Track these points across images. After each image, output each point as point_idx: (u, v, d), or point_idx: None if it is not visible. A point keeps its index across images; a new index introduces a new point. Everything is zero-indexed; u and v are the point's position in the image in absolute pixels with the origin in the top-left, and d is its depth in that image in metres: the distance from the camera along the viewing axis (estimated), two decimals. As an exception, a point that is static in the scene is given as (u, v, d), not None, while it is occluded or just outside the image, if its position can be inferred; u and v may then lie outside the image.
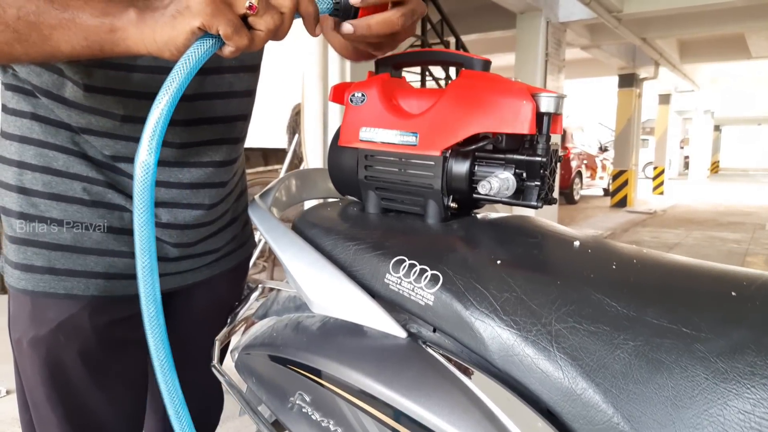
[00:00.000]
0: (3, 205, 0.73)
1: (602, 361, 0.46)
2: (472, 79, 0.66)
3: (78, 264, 0.72)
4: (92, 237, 0.72)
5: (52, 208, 0.70)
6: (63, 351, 0.72)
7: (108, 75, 0.67)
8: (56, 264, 0.71)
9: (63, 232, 0.71)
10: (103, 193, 0.72)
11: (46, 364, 0.72)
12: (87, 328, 0.72)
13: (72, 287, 0.71)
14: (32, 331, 0.71)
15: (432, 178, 0.67)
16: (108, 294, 0.73)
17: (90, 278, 0.72)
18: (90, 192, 0.71)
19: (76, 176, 0.71)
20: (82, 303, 0.72)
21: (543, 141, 0.63)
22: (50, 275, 0.71)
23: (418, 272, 0.58)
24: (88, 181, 0.71)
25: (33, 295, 0.71)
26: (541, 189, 0.64)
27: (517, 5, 5.58)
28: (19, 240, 0.71)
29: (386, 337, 0.58)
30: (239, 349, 0.77)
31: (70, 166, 0.71)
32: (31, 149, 0.70)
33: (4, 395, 2.35)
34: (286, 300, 0.75)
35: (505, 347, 0.51)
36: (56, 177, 0.70)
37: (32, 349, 0.72)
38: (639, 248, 0.60)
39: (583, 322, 0.49)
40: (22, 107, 0.70)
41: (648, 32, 7.37)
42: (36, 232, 0.70)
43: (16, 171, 0.71)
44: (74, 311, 0.71)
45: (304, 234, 0.71)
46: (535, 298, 0.52)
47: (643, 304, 0.49)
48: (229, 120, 0.79)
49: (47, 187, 0.70)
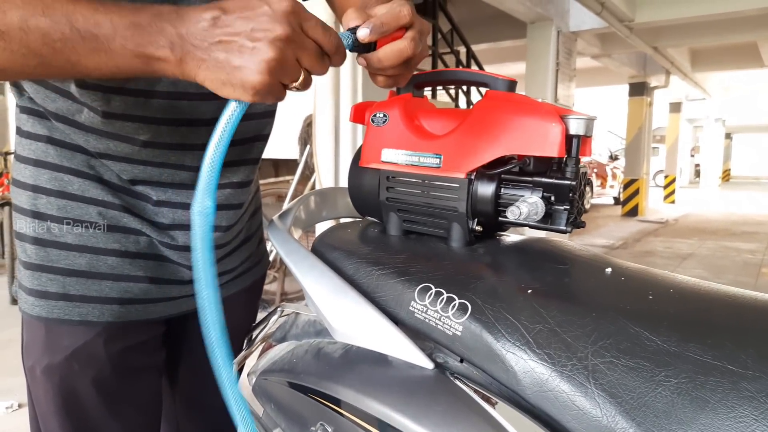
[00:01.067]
0: (17, 230, 0.72)
1: (643, 399, 0.44)
2: (498, 100, 0.65)
3: (92, 289, 0.70)
4: (107, 262, 0.71)
5: (66, 233, 0.69)
6: (77, 379, 0.70)
7: (127, 101, 0.66)
8: (70, 290, 0.70)
9: (77, 257, 0.70)
10: (119, 217, 0.71)
11: (59, 392, 0.70)
12: (101, 356, 0.71)
13: (86, 313, 0.70)
14: (46, 359, 0.70)
15: (456, 200, 0.66)
16: (123, 320, 0.72)
17: (105, 304, 0.71)
18: (105, 216, 0.70)
19: (91, 200, 0.70)
20: (97, 329, 0.71)
21: (572, 164, 0.61)
22: (64, 301, 0.70)
23: (445, 300, 0.57)
24: (103, 205, 0.70)
25: (47, 322, 0.70)
26: (570, 213, 0.62)
27: (527, 15, 5.57)
28: (33, 266, 0.70)
29: (412, 368, 0.56)
30: (257, 374, 0.75)
31: (85, 190, 0.69)
32: (46, 173, 0.69)
33: (15, 409, 2.35)
34: (306, 324, 0.74)
35: (538, 382, 0.49)
36: (71, 201, 0.69)
37: (46, 377, 0.70)
38: (674, 275, 0.58)
39: (621, 356, 0.47)
40: (37, 130, 0.69)
41: (659, 41, 7.34)
42: (50, 257, 0.69)
43: (30, 195, 0.69)
44: (88, 338, 0.70)
45: (324, 257, 0.70)
46: (570, 330, 0.50)
47: (685, 339, 0.47)
48: (247, 141, 0.78)
49: (62, 211, 0.69)
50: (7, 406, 2.34)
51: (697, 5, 5.78)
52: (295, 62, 0.50)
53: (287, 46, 0.48)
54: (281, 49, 0.48)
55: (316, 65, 0.51)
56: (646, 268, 0.61)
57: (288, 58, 0.49)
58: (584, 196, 0.66)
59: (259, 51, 0.47)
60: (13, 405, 2.36)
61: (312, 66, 0.51)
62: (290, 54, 0.49)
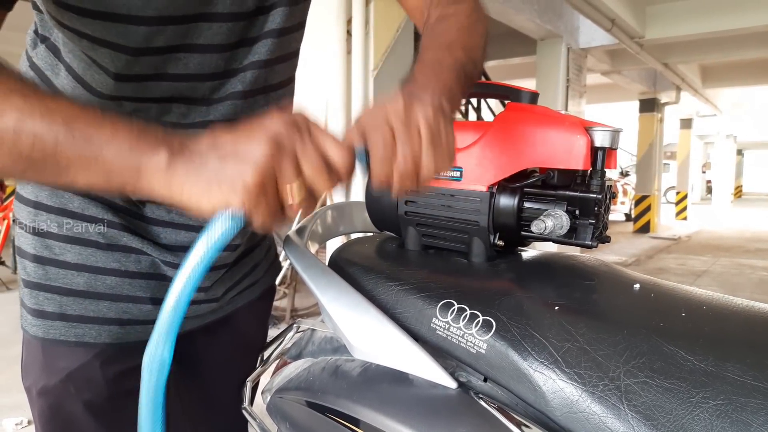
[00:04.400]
0: (19, 246, 0.71)
1: (680, 422, 0.42)
2: (520, 112, 0.63)
3: (90, 310, 0.68)
4: (106, 282, 0.69)
5: (66, 251, 0.68)
6: (72, 402, 0.68)
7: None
8: (68, 310, 0.68)
9: (76, 276, 0.68)
10: (119, 237, 0.69)
11: (55, 415, 0.69)
12: (98, 380, 0.69)
13: (83, 334, 0.68)
14: (42, 381, 0.68)
15: (478, 214, 0.64)
16: (121, 341, 0.70)
17: (102, 324, 0.69)
18: (105, 235, 0.68)
19: (92, 218, 0.68)
20: (94, 351, 0.69)
21: (597, 177, 0.60)
22: (61, 321, 0.68)
23: (468, 317, 0.55)
24: (103, 223, 0.68)
25: (44, 342, 0.68)
26: (596, 227, 0.61)
27: (537, 32, 5.58)
28: (32, 284, 0.69)
29: (434, 387, 0.54)
30: (272, 391, 0.74)
31: (85, 208, 0.68)
32: (47, 190, 0.68)
33: (25, 425, 2.34)
34: (323, 341, 0.72)
35: (568, 403, 0.47)
36: (71, 219, 0.68)
37: (41, 398, 0.69)
38: (705, 291, 0.56)
39: (655, 377, 0.45)
40: None
41: (670, 57, 7.33)
42: (48, 275, 0.68)
43: (31, 211, 0.68)
44: (85, 360, 0.68)
45: (342, 272, 0.68)
46: (600, 348, 0.48)
47: (722, 358, 0.45)
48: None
49: (62, 229, 0.68)
50: (16, 423, 2.33)
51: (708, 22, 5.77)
52: (293, 164, 0.45)
53: (283, 140, 0.45)
54: (276, 143, 0.45)
55: (317, 176, 0.46)
56: (675, 284, 0.59)
57: (283, 151, 0.45)
58: (609, 210, 0.64)
59: (252, 148, 0.45)
60: (22, 422, 2.34)
61: (314, 175, 0.46)
62: (287, 147, 0.45)
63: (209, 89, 0.66)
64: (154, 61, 0.60)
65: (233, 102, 0.67)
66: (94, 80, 0.62)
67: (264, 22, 0.66)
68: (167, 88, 0.63)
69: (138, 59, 0.59)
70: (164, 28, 0.58)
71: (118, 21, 0.56)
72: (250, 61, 0.67)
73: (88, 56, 0.60)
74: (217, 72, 0.65)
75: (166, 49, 0.60)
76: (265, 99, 0.71)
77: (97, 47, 0.58)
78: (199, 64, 0.63)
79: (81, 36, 0.57)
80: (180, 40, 0.60)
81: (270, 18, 0.66)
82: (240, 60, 0.66)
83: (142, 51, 0.59)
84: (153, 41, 0.58)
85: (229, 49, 0.64)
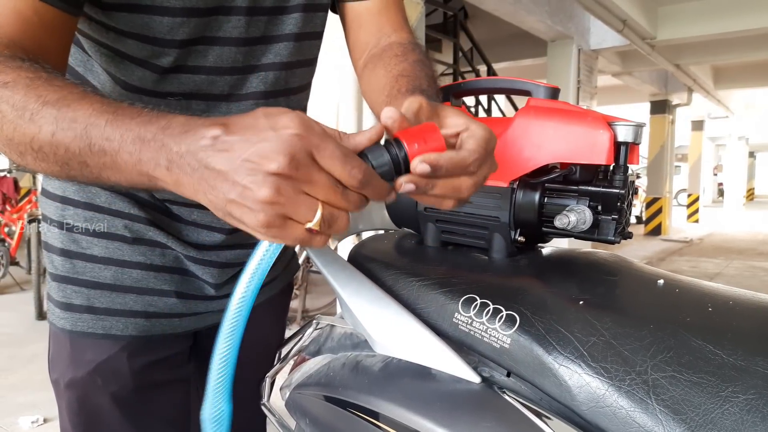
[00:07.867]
0: (46, 240, 0.72)
1: (709, 416, 0.42)
2: (541, 108, 0.63)
3: (117, 303, 0.70)
4: (132, 275, 0.70)
5: (93, 245, 0.69)
6: (99, 394, 0.69)
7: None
8: (95, 303, 0.69)
9: (103, 270, 0.69)
10: (145, 231, 0.70)
11: (82, 407, 0.69)
12: (125, 371, 0.70)
13: (110, 327, 0.69)
14: (70, 373, 0.69)
15: (499, 210, 0.64)
16: (147, 334, 0.71)
17: (129, 317, 0.70)
18: (131, 229, 0.69)
19: (118, 213, 0.69)
20: (121, 343, 0.70)
21: (621, 172, 0.59)
22: (89, 314, 0.69)
23: (491, 312, 0.55)
24: (129, 218, 0.69)
25: (72, 335, 0.69)
26: (619, 223, 0.60)
27: (548, 33, 5.57)
28: (60, 277, 0.70)
29: (458, 382, 0.54)
30: (290, 387, 0.74)
31: (112, 202, 0.69)
32: (74, 184, 0.69)
33: (41, 424, 2.35)
34: (342, 337, 0.72)
35: (594, 397, 0.46)
36: (98, 213, 0.69)
37: (69, 391, 0.70)
38: (730, 288, 0.56)
39: (683, 371, 0.44)
40: None
41: (681, 58, 7.28)
42: (76, 269, 0.69)
43: (59, 206, 0.70)
44: (112, 353, 0.69)
45: (361, 268, 0.68)
46: (627, 343, 0.47)
47: (751, 353, 0.44)
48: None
49: (89, 223, 0.69)
50: (32, 421, 2.34)
51: (720, 23, 5.73)
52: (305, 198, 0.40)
53: (286, 181, 0.39)
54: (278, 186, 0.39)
55: (337, 201, 0.41)
56: (699, 281, 0.58)
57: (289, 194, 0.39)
58: (631, 206, 0.64)
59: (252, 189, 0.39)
60: (38, 419, 2.36)
61: (332, 201, 0.41)
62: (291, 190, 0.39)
63: (228, 85, 0.66)
64: (175, 53, 0.61)
65: (255, 102, 0.68)
66: (119, 71, 0.63)
67: (281, 24, 0.67)
68: (186, 81, 0.64)
69: (163, 50, 0.60)
70: (188, 20, 0.59)
71: (143, 12, 0.57)
72: (270, 61, 0.67)
73: (112, 48, 0.61)
74: (236, 66, 0.66)
75: (188, 42, 0.61)
76: (286, 101, 0.72)
77: (123, 39, 0.59)
78: (218, 56, 0.64)
79: (107, 29, 0.58)
80: (201, 32, 0.62)
81: (287, 21, 0.67)
82: (258, 57, 0.67)
83: (165, 42, 0.60)
84: (176, 33, 0.59)
85: (247, 44, 0.65)
